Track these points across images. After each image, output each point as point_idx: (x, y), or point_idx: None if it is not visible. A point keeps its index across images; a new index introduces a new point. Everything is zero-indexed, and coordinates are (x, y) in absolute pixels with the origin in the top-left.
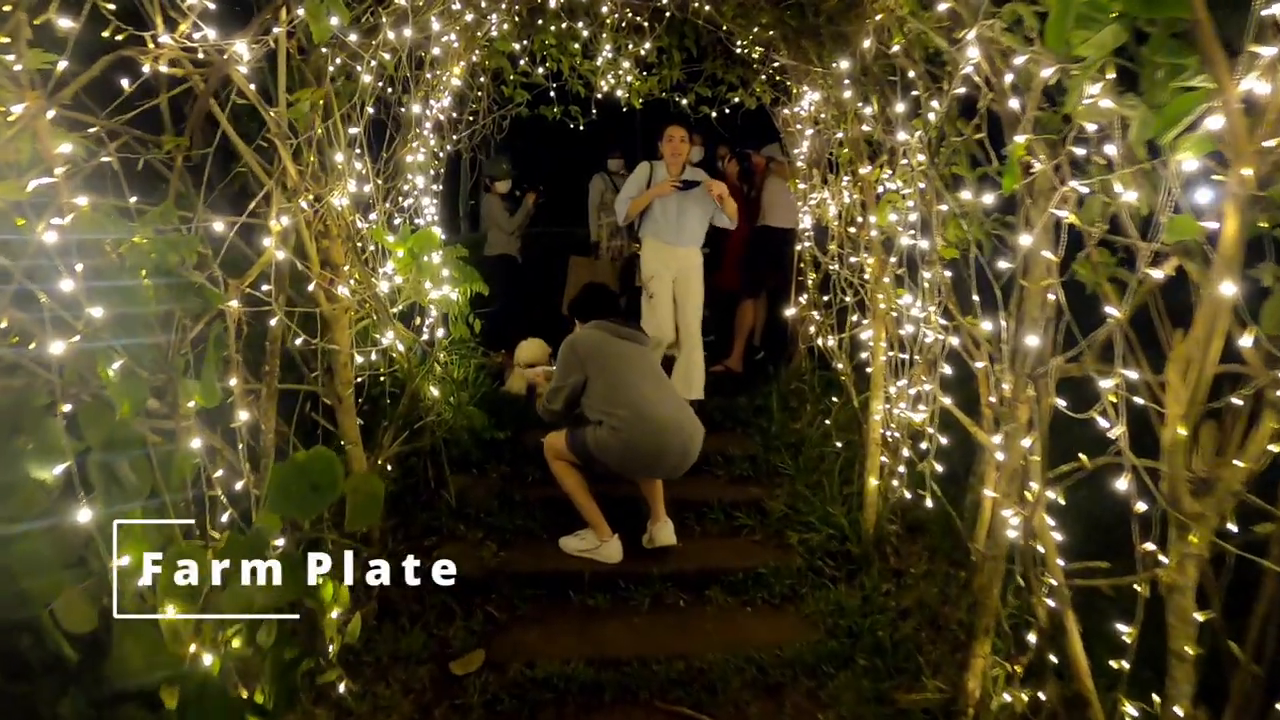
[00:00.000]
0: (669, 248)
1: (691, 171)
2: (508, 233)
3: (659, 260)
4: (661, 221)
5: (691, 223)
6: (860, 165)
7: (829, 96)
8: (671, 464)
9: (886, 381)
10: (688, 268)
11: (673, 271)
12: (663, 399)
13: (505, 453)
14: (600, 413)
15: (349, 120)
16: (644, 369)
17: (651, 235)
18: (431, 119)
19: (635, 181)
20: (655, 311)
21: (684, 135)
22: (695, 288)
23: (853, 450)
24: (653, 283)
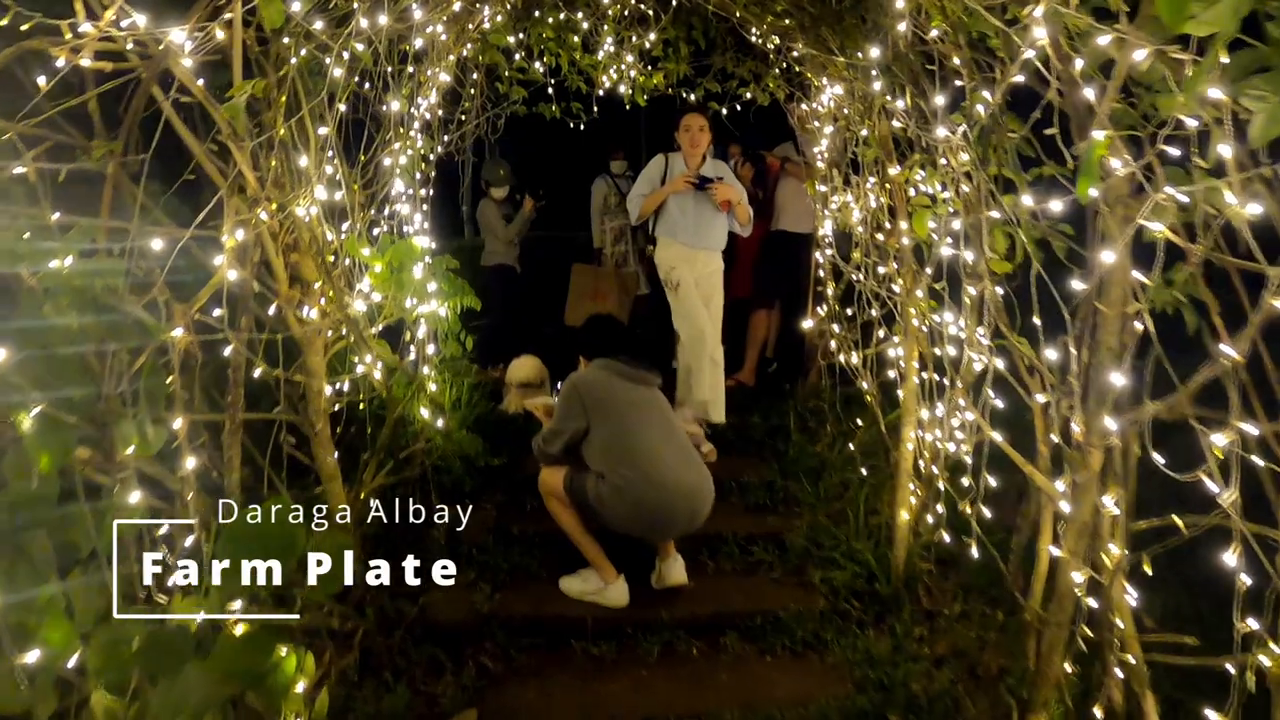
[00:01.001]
0: (687, 250)
1: (713, 167)
2: (505, 241)
3: (679, 259)
4: (679, 220)
5: (713, 223)
6: (889, 165)
7: (853, 89)
8: (678, 529)
9: (919, 405)
10: (707, 274)
11: (692, 276)
12: (673, 456)
13: (501, 481)
14: (603, 467)
15: (318, 119)
16: (654, 418)
17: (668, 235)
18: (419, 118)
19: (648, 176)
20: (686, 307)
21: (703, 124)
22: (716, 298)
23: (879, 478)
24: (674, 273)
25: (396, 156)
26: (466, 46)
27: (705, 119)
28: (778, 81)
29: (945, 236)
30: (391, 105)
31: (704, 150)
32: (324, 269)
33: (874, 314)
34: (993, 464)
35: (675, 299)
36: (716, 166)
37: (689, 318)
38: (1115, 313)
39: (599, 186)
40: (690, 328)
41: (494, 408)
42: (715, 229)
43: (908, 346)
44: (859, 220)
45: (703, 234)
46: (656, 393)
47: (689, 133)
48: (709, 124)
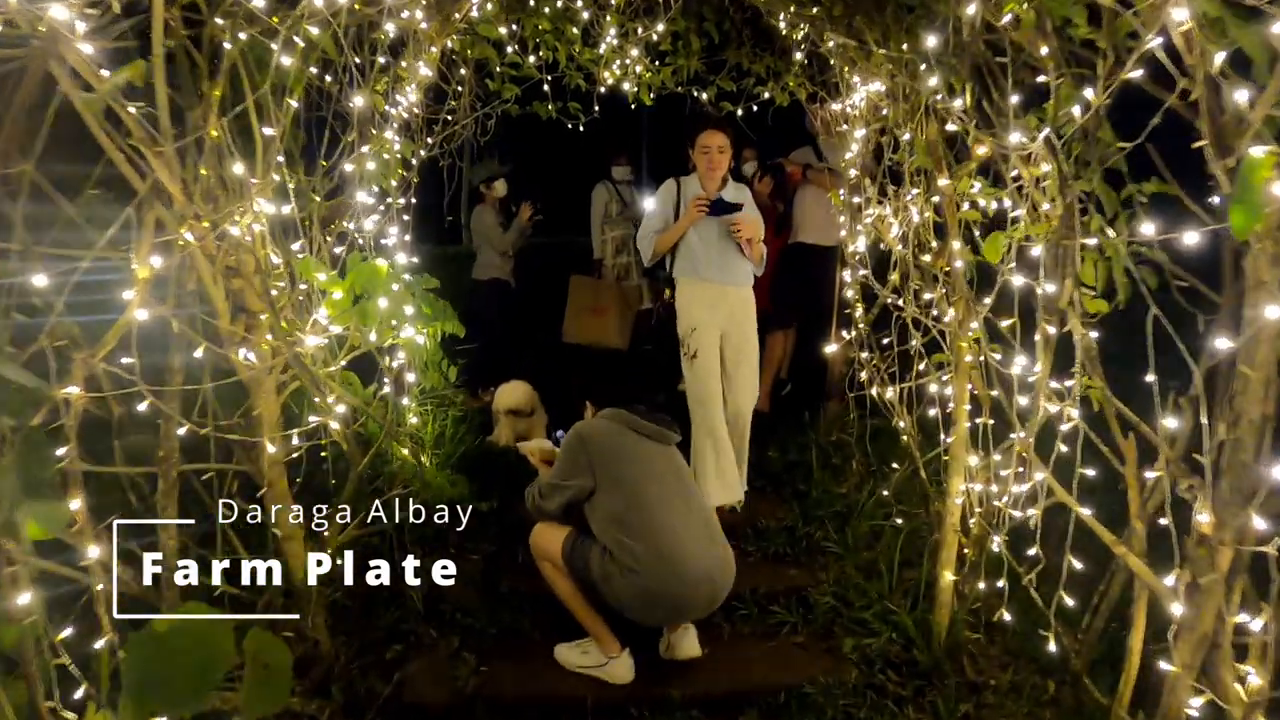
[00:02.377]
0: (714, 288)
1: (734, 191)
2: (500, 252)
3: (701, 306)
4: (700, 253)
5: (735, 255)
6: (939, 174)
7: (895, 87)
8: (694, 616)
9: (968, 453)
10: (740, 314)
11: (720, 320)
12: (692, 531)
13: (490, 527)
14: (610, 539)
15: (268, 118)
16: (670, 483)
17: (688, 273)
18: (398, 118)
19: (660, 209)
20: (699, 374)
21: (724, 143)
22: (749, 345)
23: (915, 525)
24: (695, 337)
25: (362, 162)
26: (452, 38)
27: (726, 137)
28: (799, 80)
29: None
30: (355, 101)
31: (724, 173)
32: (267, 298)
33: (914, 344)
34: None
35: (688, 365)
36: (738, 191)
37: (699, 380)
38: (1261, 376)
39: (599, 193)
40: (700, 396)
41: (482, 441)
42: (741, 262)
43: (958, 385)
44: (897, 237)
45: (731, 266)
46: (674, 452)
47: (707, 154)
48: (732, 140)
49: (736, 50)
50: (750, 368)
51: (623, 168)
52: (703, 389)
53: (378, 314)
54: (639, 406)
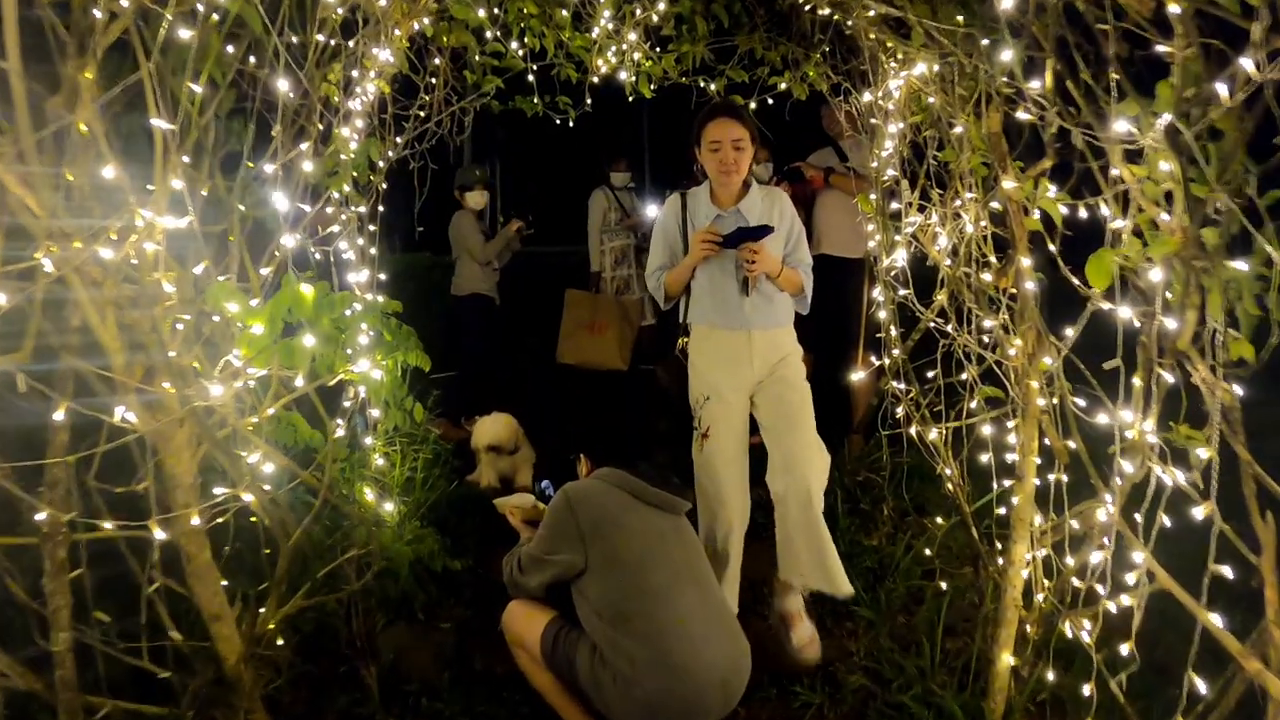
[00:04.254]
0: (735, 336)
1: (762, 200)
2: (483, 263)
3: (717, 363)
4: (714, 290)
5: (767, 285)
6: (1002, 175)
7: (945, 69)
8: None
9: (1034, 513)
10: (774, 359)
11: (745, 378)
12: (704, 625)
13: (465, 588)
14: (603, 637)
15: (171, 109)
16: (680, 564)
17: (701, 319)
18: (359, 114)
19: (662, 238)
20: (710, 463)
21: (740, 135)
22: (795, 396)
23: (960, 584)
24: (709, 410)
25: (305, 161)
26: (423, 21)
27: (745, 127)
28: (821, 69)
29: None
30: (280, 85)
31: (742, 176)
32: (158, 335)
33: (965, 377)
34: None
35: (697, 451)
36: (770, 199)
37: (710, 473)
38: None
39: (597, 200)
40: (710, 505)
41: (458, 484)
42: (774, 297)
43: (1025, 432)
44: (945, 250)
45: (759, 304)
46: (684, 525)
47: (718, 151)
48: (752, 134)
49: (749, 35)
50: (806, 428)
51: (622, 173)
52: (714, 486)
53: (306, 354)
54: (644, 466)
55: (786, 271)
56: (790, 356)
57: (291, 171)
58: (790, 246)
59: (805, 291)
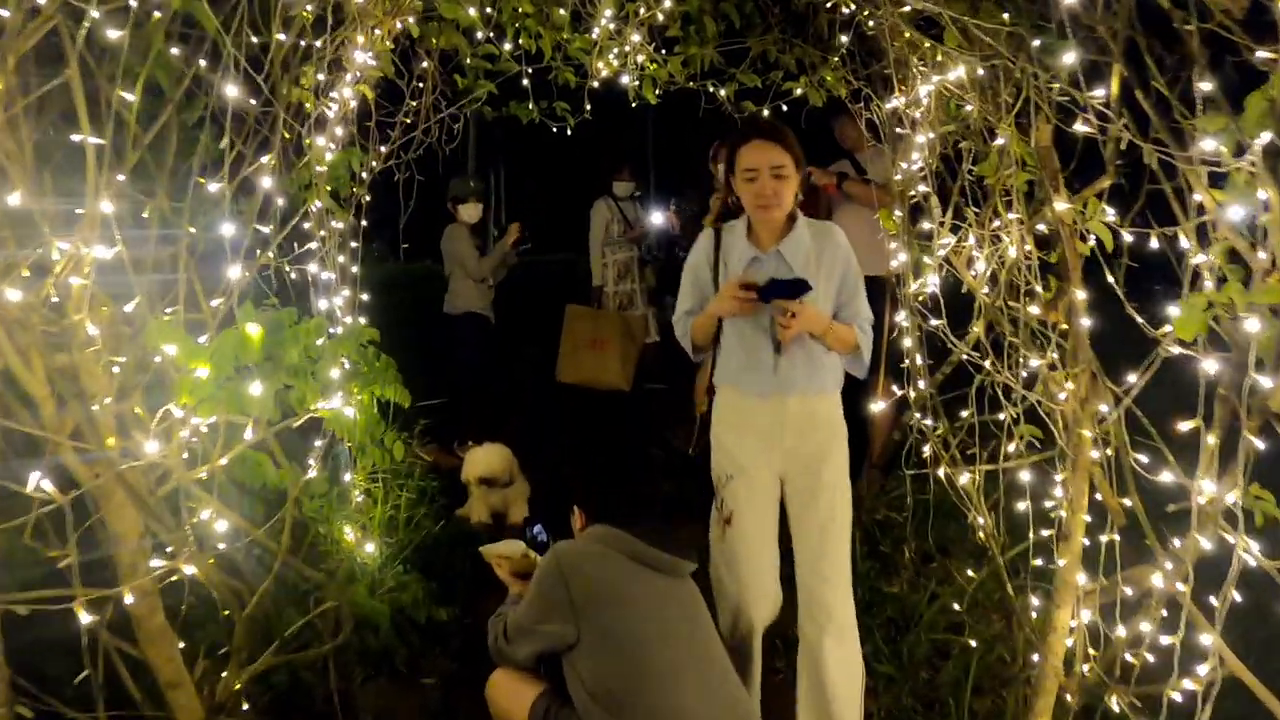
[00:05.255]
0: (766, 403)
1: (809, 239)
2: (477, 280)
3: (744, 433)
4: (740, 345)
5: (811, 340)
6: (1055, 195)
7: (990, 72)
8: None
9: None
10: (811, 438)
11: (778, 453)
12: (714, 707)
13: (451, 639)
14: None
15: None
16: (685, 638)
17: (728, 379)
18: (338, 120)
19: (692, 279)
20: (734, 552)
21: (782, 161)
22: (832, 493)
23: (989, 637)
24: (732, 490)
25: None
26: (408, 21)
27: (788, 152)
28: (840, 73)
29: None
30: (228, 90)
31: (786, 210)
32: (91, 382)
33: (1004, 417)
34: None
35: (717, 539)
36: (821, 239)
37: (732, 564)
38: None
39: (599, 211)
40: (736, 593)
41: (445, 522)
42: (817, 355)
43: (1074, 486)
44: (982, 276)
45: (797, 364)
46: (689, 589)
47: (754, 181)
48: (796, 160)
49: (761, 37)
50: (838, 535)
51: (625, 183)
52: (738, 581)
53: (255, 405)
54: (644, 523)
55: (837, 328)
56: (833, 440)
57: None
58: (845, 297)
59: (862, 352)
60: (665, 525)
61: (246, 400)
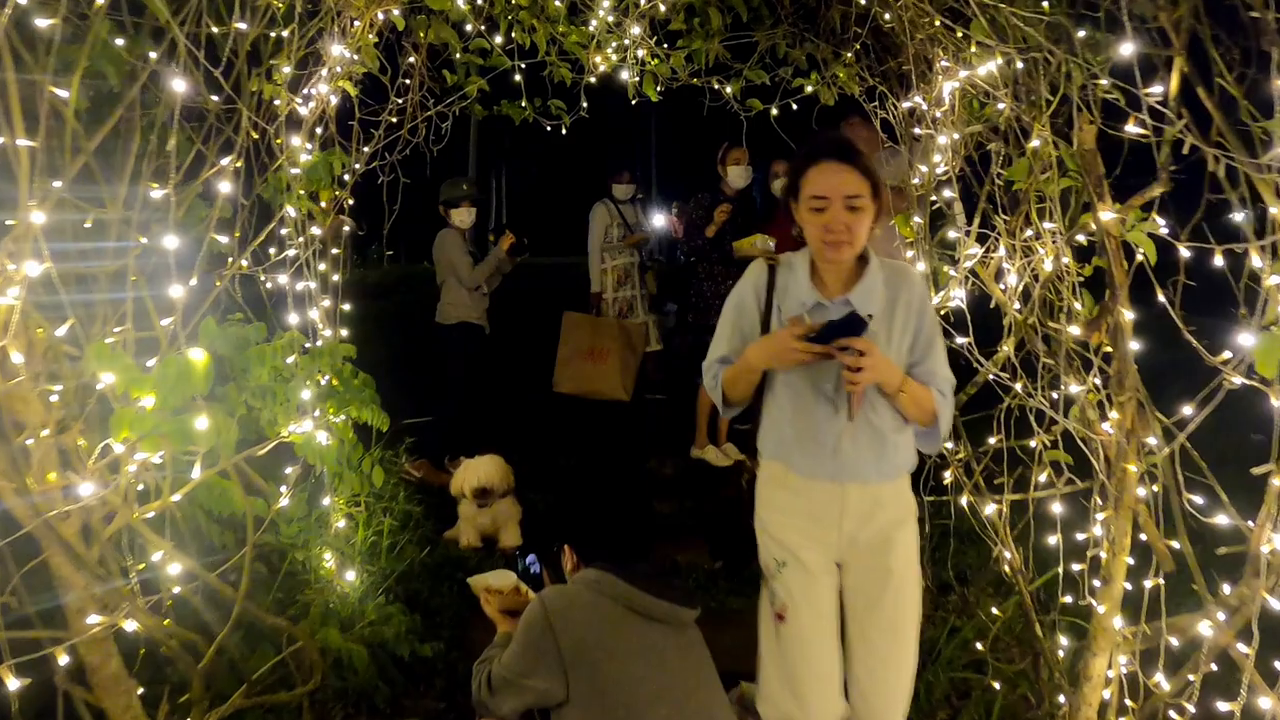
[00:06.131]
0: (820, 487)
1: (882, 295)
2: (470, 288)
3: (796, 520)
4: (793, 415)
5: (881, 423)
6: (1099, 204)
7: (1030, 66)
8: None
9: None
10: (876, 546)
11: (831, 544)
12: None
13: (436, 676)
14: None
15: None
16: (687, 695)
17: (777, 453)
18: (311, 118)
19: (735, 315)
20: (789, 660)
21: (858, 190)
22: (897, 599)
23: (1013, 674)
24: (785, 580)
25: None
26: (392, 13)
27: (865, 178)
28: (853, 69)
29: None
30: (176, 86)
31: (860, 248)
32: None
33: (1035, 444)
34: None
35: (769, 636)
36: (897, 283)
37: (786, 668)
38: None
39: (599, 214)
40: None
41: (430, 549)
42: (886, 433)
43: (1117, 525)
44: (1013, 291)
45: (861, 443)
46: (690, 638)
47: (822, 210)
48: (875, 187)
49: (770, 30)
50: (909, 638)
51: (625, 186)
52: (794, 689)
53: (203, 438)
54: (641, 567)
55: (913, 387)
56: (902, 529)
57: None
58: (919, 353)
59: (939, 422)
60: (662, 568)
61: (196, 434)
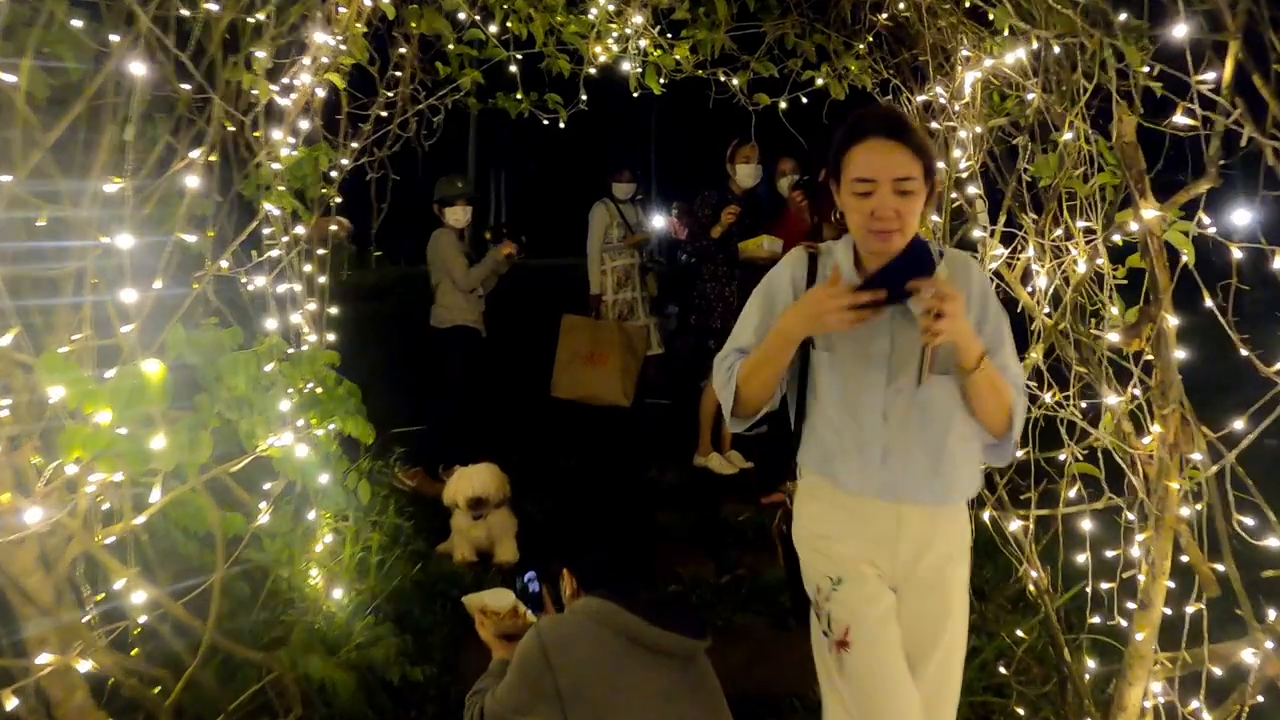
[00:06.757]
0: (871, 507)
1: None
2: (466, 290)
3: (847, 533)
4: (838, 419)
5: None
6: (1142, 201)
7: (1065, 51)
8: None
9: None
10: (928, 562)
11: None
12: None
13: (428, 703)
14: None
15: None
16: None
17: (820, 467)
18: (293, 110)
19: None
20: (866, 692)
21: (910, 171)
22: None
23: (1037, 697)
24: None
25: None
26: (382, 2)
27: (919, 157)
28: (865, 61)
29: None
30: (134, 68)
31: (912, 233)
32: None
33: (1066, 457)
34: None
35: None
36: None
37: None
38: None
39: (598, 214)
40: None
41: (423, 566)
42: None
43: (1157, 547)
44: (1041, 295)
45: (913, 460)
46: (697, 671)
47: (869, 195)
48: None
49: (779, 20)
50: (956, 676)
51: (626, 185)
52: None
53: (169, 454)
54: (644, 594)
55: (991, 370)
56: (962, 565)
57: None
58: (987, 345)
59: (1013, 425)
60: (670, 608)
61: (155, 453)
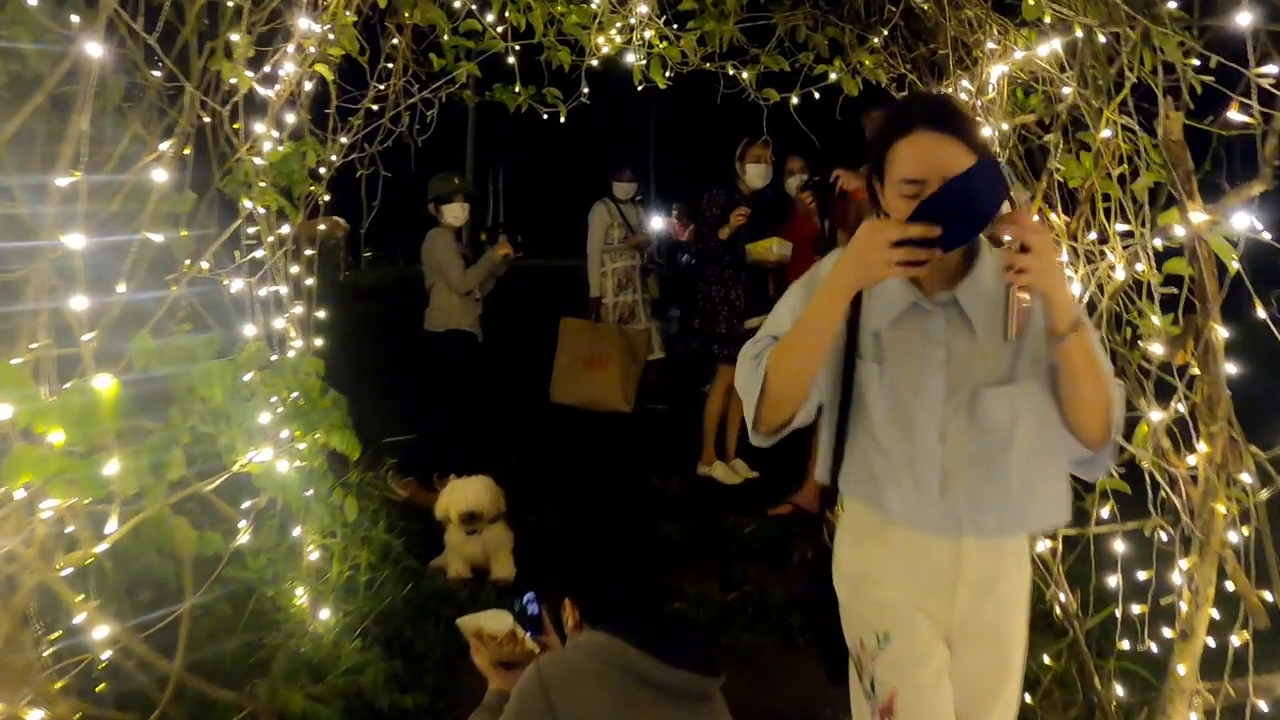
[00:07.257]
0: (926, 542)
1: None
2: (462, 293)
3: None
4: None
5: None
6: (1189, 203)
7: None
8: None
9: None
10: (991, 607)
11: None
12: None
13: None
14: None
15: None
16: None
17: (865, 492)
18: (276, 102)
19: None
20: None
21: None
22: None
23: None
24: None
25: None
26: None
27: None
28: (880, 56)
29: None
30: (90, 49)
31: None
32: None
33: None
34: None
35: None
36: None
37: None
38: None
39: (599, 214)
40: None
41: (415, 584)
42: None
43: (1201, 573)
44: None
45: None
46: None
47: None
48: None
49: (790, 12)
50: None
51: (627, 184)
52: None
53: (127, 477)
54: (651, 629)
55: (1086, 341)
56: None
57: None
58: None
59: (1112, 426)
60: (676, 630)
61: (109, 479)
